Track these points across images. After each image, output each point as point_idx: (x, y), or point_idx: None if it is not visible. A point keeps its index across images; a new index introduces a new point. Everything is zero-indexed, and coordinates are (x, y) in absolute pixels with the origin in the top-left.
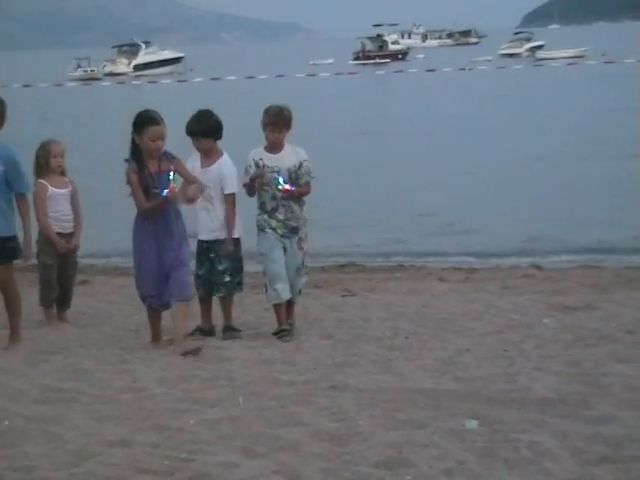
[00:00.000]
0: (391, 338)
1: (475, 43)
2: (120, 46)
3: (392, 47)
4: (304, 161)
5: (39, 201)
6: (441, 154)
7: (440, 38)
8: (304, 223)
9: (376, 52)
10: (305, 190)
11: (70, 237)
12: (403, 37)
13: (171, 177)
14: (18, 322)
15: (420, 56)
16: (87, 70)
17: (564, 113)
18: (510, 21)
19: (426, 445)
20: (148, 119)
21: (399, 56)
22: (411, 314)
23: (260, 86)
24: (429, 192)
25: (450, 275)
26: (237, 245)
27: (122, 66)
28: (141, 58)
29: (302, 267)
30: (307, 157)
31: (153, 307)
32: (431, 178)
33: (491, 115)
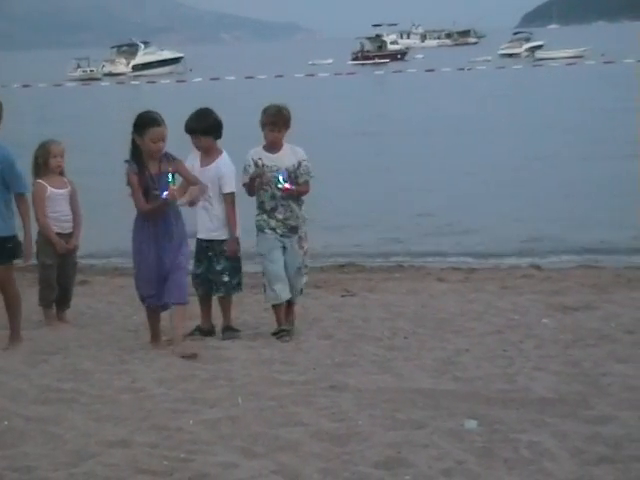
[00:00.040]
0: (390, 338)
1: (474, 43)
2: (119, 46)
3: (391, 47)
4: (303, 161)
5: (38, 201)
6: (440, 154)
7: (439, 38)
8: (303, 222)
9: (375, 52)
10: (304, 189)
11: (69, 237)
12: (402, 37)
13: (170, 179)
14: (18, 322)
15: (419, 56)
16: (86, 70)
17: (563, 113)
18: (509, 21)
19: (425, 445)
20: (149, 120)
21: (398, 56)
22: (410, 314)
23: (259, 86)
24: (428, 192)
25: (449, 275)
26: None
27: (121, 66)
28: (140, 58)
29: (303, 267)
30: (306, 157)
31: (152, 307)
32: (430, 178)
33: (490, 115)
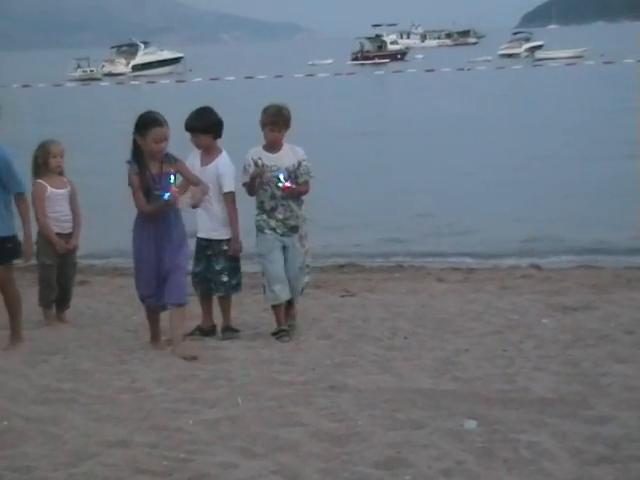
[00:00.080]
0: (390, 338)
1: (474, 43)
2: (119, 46)
3: (391, 47)
4: (303, 160)
5: (38, 201)
6: (440, 154)
7: (439, 38)
8: (303, 222)
9: (375, 52)
10: (304, 189)
11: (69, 237)
12: (402, 37)
13: (172, 180)
14: (19, 322)
15: (419, 56)
16: (86, 70)
17: (563, 113)
18: (509, 21)
19: (425, 445)
20: (151, 121)
21: (398, 56)
22: (410, 314)
23: (259, 86)
24: (428, 192)
25: (449, 275)
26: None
27: (121, 66)
28: (140, 58)
29: (304, 266)
30: (306, 156)
31: (152, 307)
32: (430, 178)
33: (490, 115)
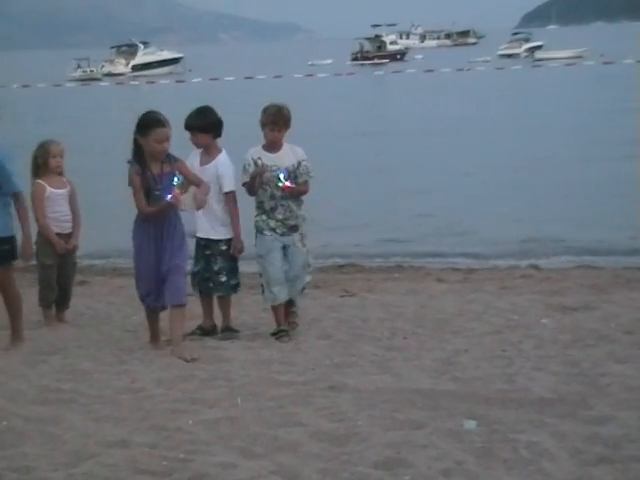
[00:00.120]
0: (389, 338)
1: (473, 43)
2: (119, 46)
3: (390, 47)
4: (302, 160)
5: (37, 202)
6: (439, 155)
7: (438, 38)
8: (303, 221)
9: (374, 52)
10: (304, 189)
11: (69, 237)
12: (401, 37)
13: (175, 182)
14: (20, 323)
15: (418, 56)
16: (86, 70)
17: (562, 114)
18: (509, 21)
19: (424, 445)
20: (153, 121)
21: (397, 56)
22: (409, 314)
23: (259, 86)
24: (427, 193)
25: (448, 275)
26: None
27: (120, 66)
28: (139, 58)
29: (307, 265)
30: (305, 156)
31: (151, 307)
32: (430, 179)
33: (489, 116)
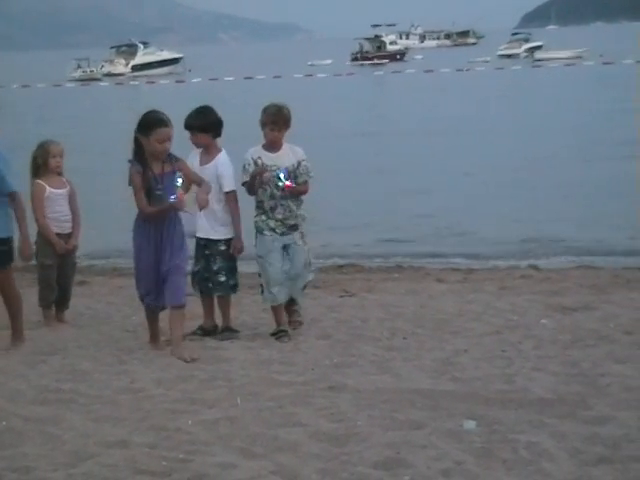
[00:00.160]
0: (389, 338)
1: (473, 44)
2: (118, 46)
3: (390, 48)
4: (302, 161)
5: (37, 202)
6: (439, 155)
7: (438, 39)
8: (303, 220)
9: (374, 53)
10: (303, 189)
11: (69, 237)
12: (401, 38)
13: (179, 183)
14: (20, 323)
15: (418, 57)
16: (86, 71)
17: (562, 114)
18: (508, 22)
19: (424, 445)
20: (156, 121)
21: (397, 57)
22: (409, 314)
23: (258, 86)
24: (427, 193)
25: (448, 276)
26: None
27: (120, 66)
28: (139, 59)
29: (309, 263)
30: (305, 156)
31: (151, 307)
32: (429, 179)
33: (489, 116)
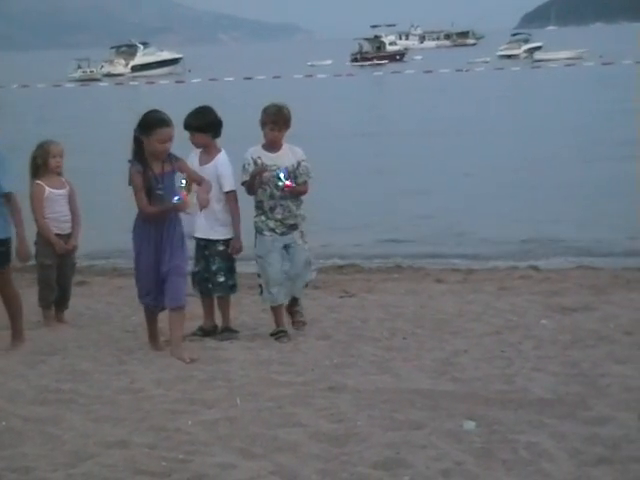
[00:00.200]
0: (389, 339)
1: (473, 44)
2: (118, 47)
3: (390, 48)
4: (302, 161)
5: (36, 202)
6: (439, 155)
7: (438, 39)
8: (302, 220)
9: (374, 53)
10: (303, 189)
11: (68, 238)
12: (401, 38)
13: (183, 184)
14: (20, 323)
15: (418, 57)
16: (86, 71)
17: (562, 114)
18: (508, 22)
19: (424, 446)
20: (157, 121)
21: (397, 57)
22: (409, 315)
23: (258, 87)
24: (427, 193)
25: (448, 276)
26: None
27: (120, 67)
28: (139, 59)
29: (310, 262)
30: (305, 157)
31: (150, 308)
32: (429, 179)
33: (489, 116)
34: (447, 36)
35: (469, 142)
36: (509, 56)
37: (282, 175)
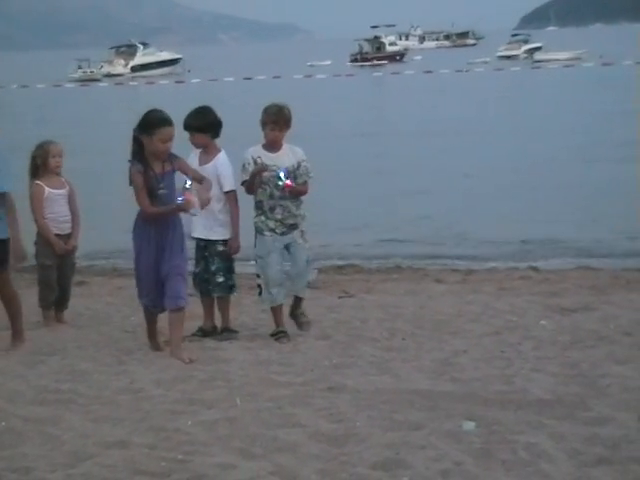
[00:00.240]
0: (388, 339)
1: (473, 45)
2: (118, 47)
3: (389, 48)
4: (302, 161)
5: (36, 203)
6: (439, 156)
7: (438, 40)
8: (302, 219)
9: (373, 54)
10: (303, 189)
11: (68, 238)
12: (400, 39)
13: (188, 185)
14: (20, 323)
15: (417, 58)
16: (86, 71)
17: (562, 115)
18: (508, 23)
19: (423, 446)
20: (160, 120)
21: (396, 57)
22: (408, 315)
23: (258, 87)
24: (427, 194)
25: (447, 276)
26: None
27: (119, 67)
28: (139, 59)
29: (311, 260)
30: (305, 157)
31: (150, 310)
32: (429, 180)
33: (488, 117)
34: (447, 37)
35: (469, 143)
36: (509, 57)
37: (282, 175)
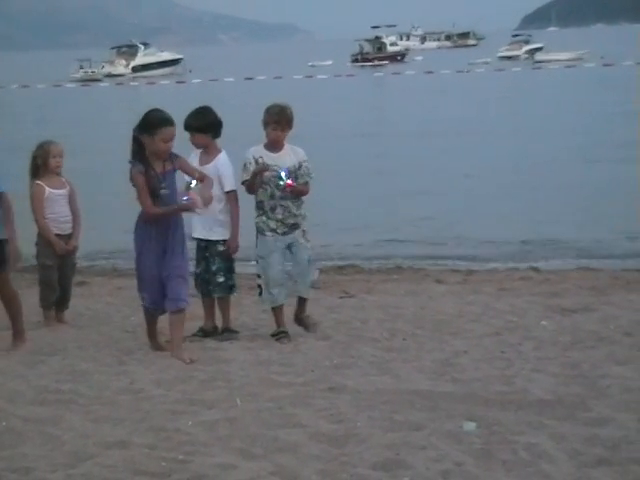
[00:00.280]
0: (389, 339)
1: (474, 45)
2: (119, 47)
3: (390, 49)
4: (303, 162)
5: (37, 203)
6: (439, 156)
7: (439, 40)
8: (303, 219)
9: (374, 54)
10: (304, 190)
11: (69, 238)
12: (401, 39)
13: (193, 185)
14: (20, 323)
15: (418, 58)
16: (88, 71)
17: (562, 116)
18: (509, 23)
19: (423, 447)
20: (161, 120)
21: (397, 58)
22: (409, 316)
23: (258, 87)
24: (427, 194)
25: (448, 277)
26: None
27: (120, 67)
28: (139, 59)
29: (313, 260)
30: (306, 157)
31: (150, 311)
32: (429, 180)
33: (489, 118)
34: (448, 37)
35: (469, 143)
36: (510, 57)
37: (283, 174)
